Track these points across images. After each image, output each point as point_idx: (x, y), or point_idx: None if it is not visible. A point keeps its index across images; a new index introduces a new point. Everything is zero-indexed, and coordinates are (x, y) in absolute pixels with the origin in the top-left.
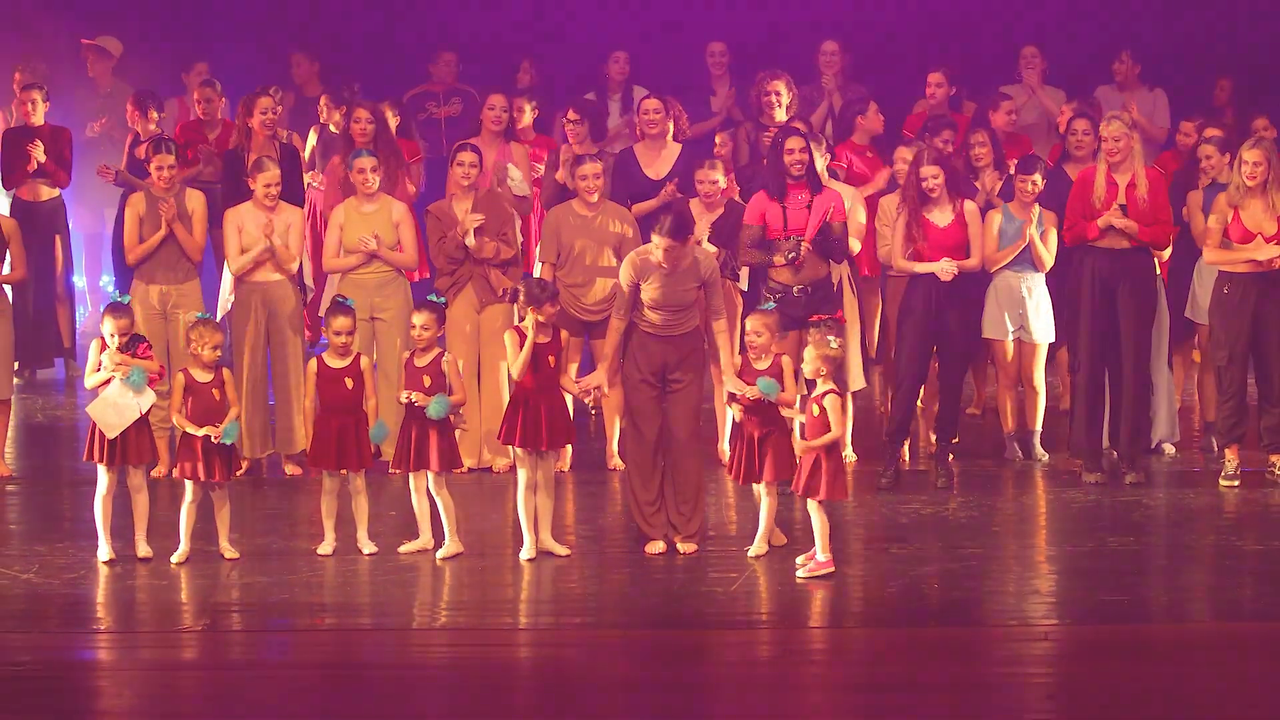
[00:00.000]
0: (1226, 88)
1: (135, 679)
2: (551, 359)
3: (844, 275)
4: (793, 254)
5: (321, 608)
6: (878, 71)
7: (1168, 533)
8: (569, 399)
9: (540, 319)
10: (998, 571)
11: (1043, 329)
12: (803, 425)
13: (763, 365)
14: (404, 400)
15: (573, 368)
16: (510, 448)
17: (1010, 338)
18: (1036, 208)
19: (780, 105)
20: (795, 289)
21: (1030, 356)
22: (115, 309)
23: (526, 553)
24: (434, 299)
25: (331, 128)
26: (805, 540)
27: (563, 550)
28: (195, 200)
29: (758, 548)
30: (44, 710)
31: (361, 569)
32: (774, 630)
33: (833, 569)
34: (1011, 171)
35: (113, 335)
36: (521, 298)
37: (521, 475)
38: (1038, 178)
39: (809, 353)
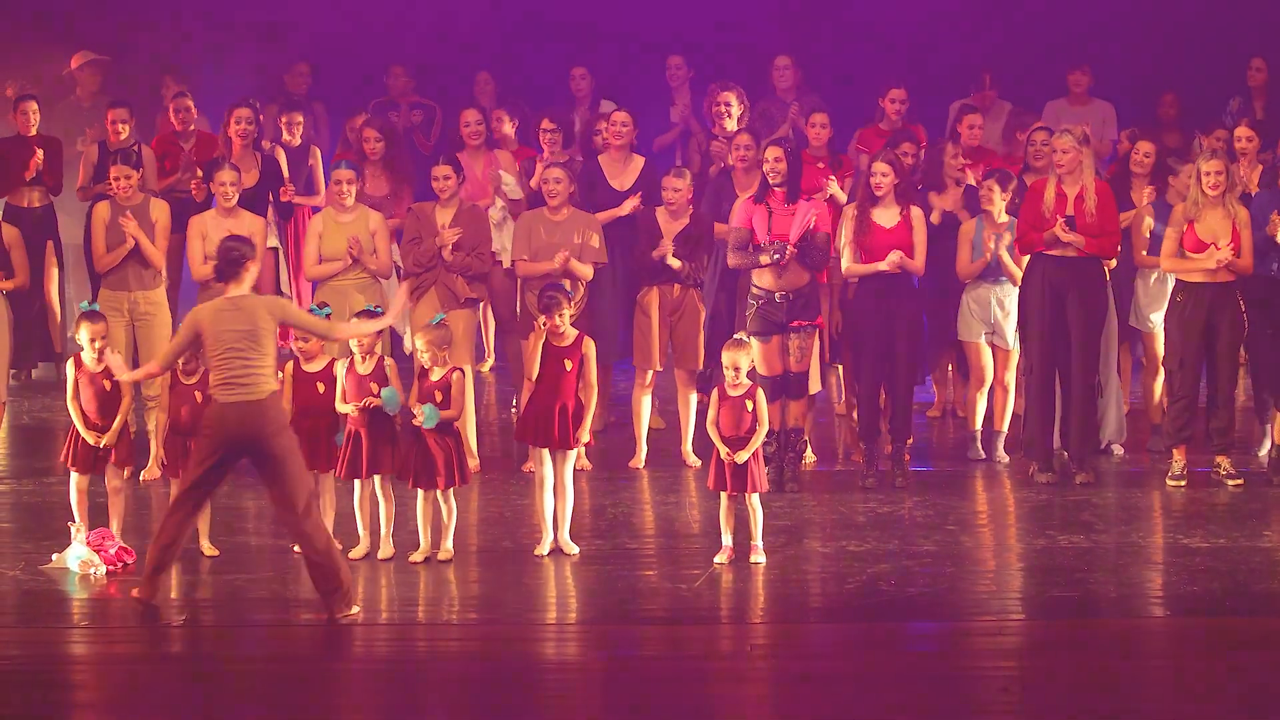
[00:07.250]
0: (1173, 102)
1: (117, 673)
2: (567, 362)
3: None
4: (778, 255)
5: (297, 603)
6: (835, 86)
7: (1117, 531)
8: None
9: (555, 323)
10: (952, 568)
11: (1014, 334)
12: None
13: (737, 394)
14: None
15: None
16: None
17: (983, 339)
18: (1008, 235)
19: (731, 116)
20: (777, 295)
21: (1003, 361)
22: (90, 316)
23: (542, 549)
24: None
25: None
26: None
27: (573, 549)
28: (159, 210)
29: (761, 556)
30: (33, 704)
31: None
32: (734, 626)
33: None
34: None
35: (92, 340)
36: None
37: (538, 474)
38: (993, 184)
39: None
